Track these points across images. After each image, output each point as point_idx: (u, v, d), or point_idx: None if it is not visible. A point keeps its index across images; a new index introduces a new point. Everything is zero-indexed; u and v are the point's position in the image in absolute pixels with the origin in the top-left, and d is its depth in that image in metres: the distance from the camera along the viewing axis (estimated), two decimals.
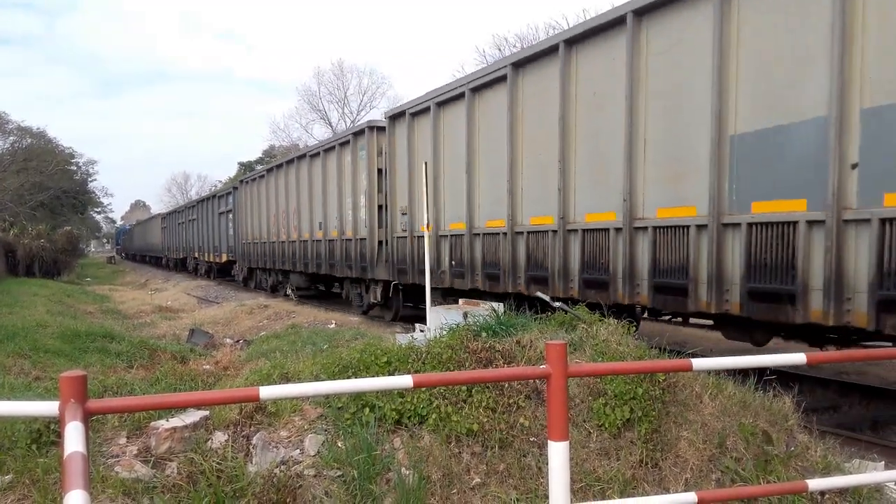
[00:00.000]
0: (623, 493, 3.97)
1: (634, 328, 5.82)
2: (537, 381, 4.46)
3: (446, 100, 11.19)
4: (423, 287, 9.33)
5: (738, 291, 6.41)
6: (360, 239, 14.33)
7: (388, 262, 13.34)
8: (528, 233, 9.22)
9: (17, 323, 10.24)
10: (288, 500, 3.66)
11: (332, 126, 54.87)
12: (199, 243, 31.76)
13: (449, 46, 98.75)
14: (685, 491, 4.00)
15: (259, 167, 35.96)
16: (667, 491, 4.07)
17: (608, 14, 7.81)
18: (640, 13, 7.37)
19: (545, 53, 8.81)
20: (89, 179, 60.09)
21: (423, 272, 10.49)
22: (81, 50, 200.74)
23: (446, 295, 11.26)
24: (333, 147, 16.06)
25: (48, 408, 2.37)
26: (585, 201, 8.32)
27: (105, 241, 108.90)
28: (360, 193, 14.48)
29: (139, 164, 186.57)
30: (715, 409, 4.54)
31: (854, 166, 5.51)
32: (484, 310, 6.86)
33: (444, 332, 5.38)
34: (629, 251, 7.54)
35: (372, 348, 4.92)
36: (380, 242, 13.80)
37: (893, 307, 5.31)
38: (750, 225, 6.28)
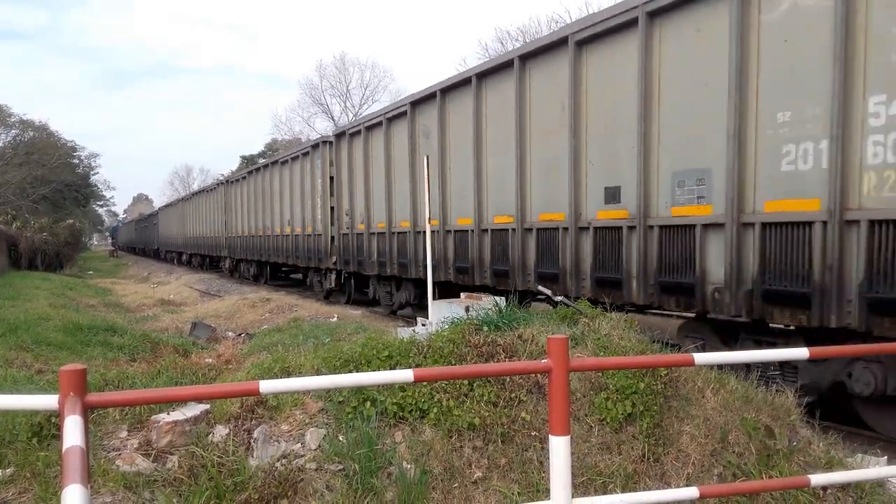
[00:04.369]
0: (625, 488, 3.96)
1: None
2: (539, 375, 4.45)
3: None
4: None
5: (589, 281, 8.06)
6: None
7: None
8: None
9: (19, 316, 10.25)
10: (289, 493, 3.66)
11: (334, 120, 54.83)
12: (149, 239, 55.95)
13: (451, 40, 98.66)
14: (687, 485, 3.99)
15: (262, 160, 36.88)
16: (669, 485, 4.06)
17: None
18: None
19: None
20: (92, 173, 60.36)
21: None
22: (83, 43, 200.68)
23: None
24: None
25: (47, 401, 2.37)
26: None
27: (107, 234, 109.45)
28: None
29: (141, 157, 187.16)
30: (717, 403, 4.53)
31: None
32: (486, 304, 6.84)
33: (446, 326, 5.37)
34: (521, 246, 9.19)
35: (373, 342, 4.91)
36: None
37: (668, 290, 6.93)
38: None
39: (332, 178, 16.34)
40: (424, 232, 11.17)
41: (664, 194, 7.10)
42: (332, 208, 16.47)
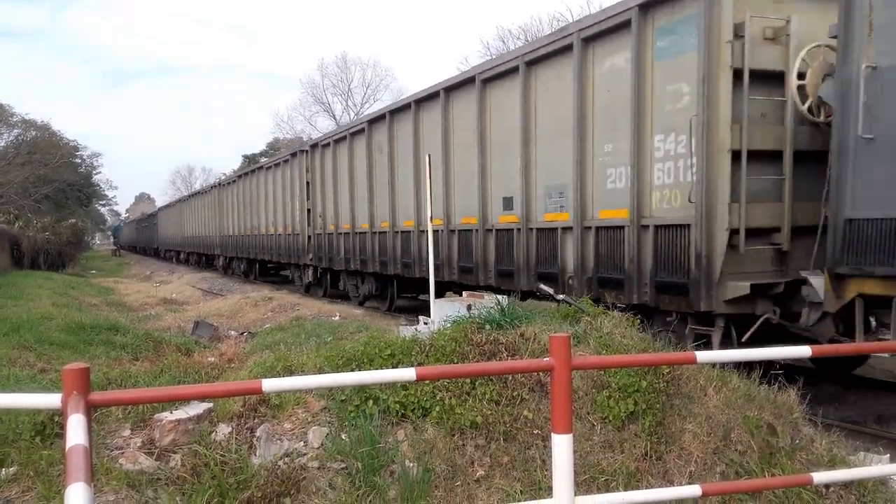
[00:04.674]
0: (627, 486, 3.96)
1: None
2: (541, 373, 4.45)
3: None
4: None
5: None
6: None
7: None
8: None
9: (22, 315, 10.26)
10: (292, 491, 3.67)
11: (335, 119, 54.84)
12: (150, 238, 57.66)
13: (453, 38, 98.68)
14: (690, 484, 3.99)
15: (264, 159, 36.99)
16: (671, 484, 4.06)
17: None
18: None
19: None
20: (94, 172, 60.36)
21: None
22: (83, 43, 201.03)
23: None
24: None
25: (51, 400, 2.37)
26: None
27: (109, 233, 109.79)
28: None
29: (142, 156, 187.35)
30: (719, 401, 4.53)
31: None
32: (488, 302, 6.85)
33: (448, 325, 5.38)
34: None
35: (376, 341, 4.91)
36: None
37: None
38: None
39: (308, 184, 18.36)
40: (380, 232, 13.77)
41: (540, 204, 8.99)
42: (308, 210, 18.40)
